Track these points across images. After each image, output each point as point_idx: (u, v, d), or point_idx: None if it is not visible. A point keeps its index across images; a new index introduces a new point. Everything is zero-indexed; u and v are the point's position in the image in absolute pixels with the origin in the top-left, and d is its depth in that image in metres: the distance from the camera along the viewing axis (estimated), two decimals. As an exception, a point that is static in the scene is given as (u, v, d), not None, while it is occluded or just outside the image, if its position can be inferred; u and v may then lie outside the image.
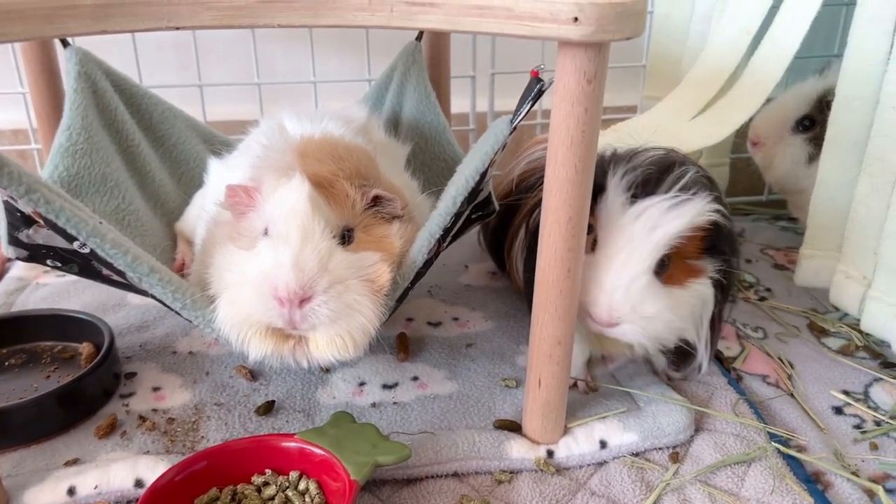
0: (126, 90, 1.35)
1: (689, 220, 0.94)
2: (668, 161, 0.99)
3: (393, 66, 1.46)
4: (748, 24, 1.33)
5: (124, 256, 0.85)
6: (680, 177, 0.96)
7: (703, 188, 0.97)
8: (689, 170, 0.97)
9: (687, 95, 1.38)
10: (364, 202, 0.94)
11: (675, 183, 0.95)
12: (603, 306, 0.96)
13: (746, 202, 1.87)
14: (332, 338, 0.88)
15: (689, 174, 0.96)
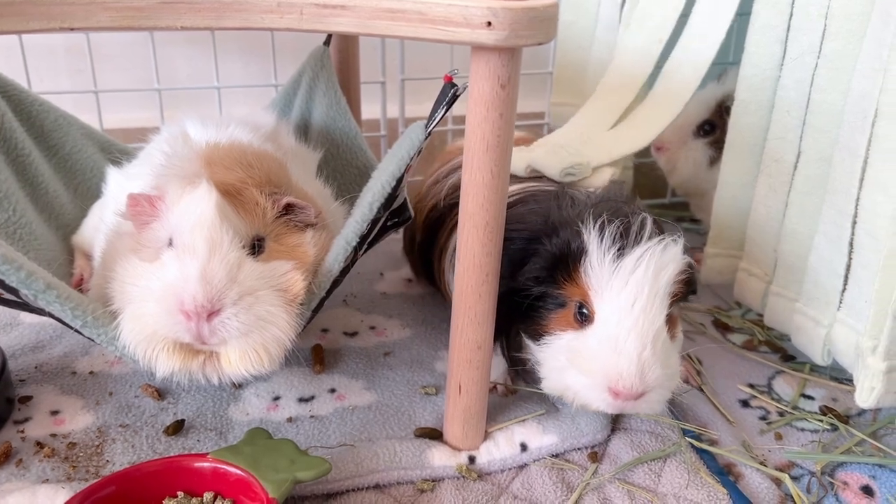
0: (13, 96, 1.26)
1: (679, 260, 0.91)
2: (625, 209, 0.95)
3: (301, 71, 1.43)
4: (659, 32, 1.37)
5: (17, 272, 0.79)
6: (643, 223, 0.92)
7: (664, 232, 0.95)
8: (647, 216, 0.93)
9: (603, 103, 1.40)
10: (275, 210, 0.92)
11: (642, 228, 0.91)
12: (634, 376, 0.87)
13: (650, 205, 1.93)
14: (244, 351, 0.85)
15: (649, 220, 0.92)
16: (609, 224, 0.90)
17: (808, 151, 1.13)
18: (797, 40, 1.13)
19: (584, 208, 0.96)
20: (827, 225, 1.08)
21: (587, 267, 0.91)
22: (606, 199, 1.01)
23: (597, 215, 0.92)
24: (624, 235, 0.90)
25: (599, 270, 0.90)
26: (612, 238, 0.90)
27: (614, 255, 0.89)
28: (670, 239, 0.91)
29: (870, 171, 0.99)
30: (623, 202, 0.99)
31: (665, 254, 0.90)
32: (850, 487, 0.98)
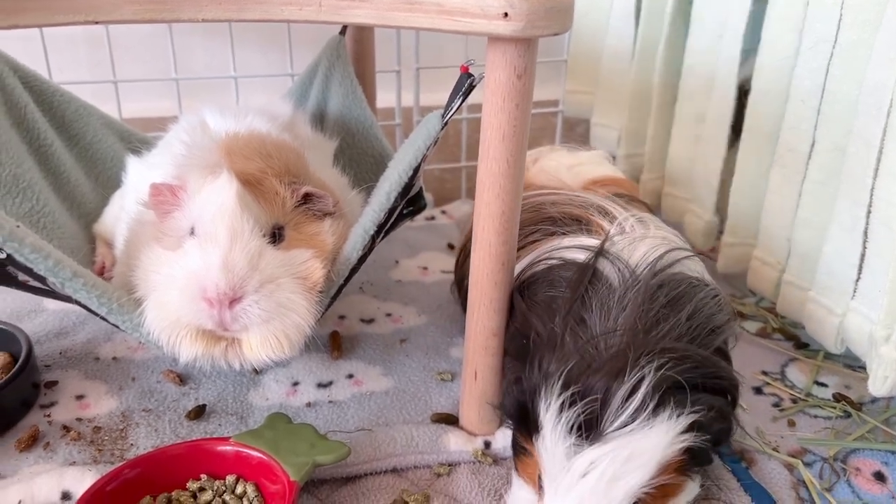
0: (36, 87, 1.28)
1: (653, 463, 0.73)
2: (619, 364, 0.74)
3: (317, 61, 1.44)
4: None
5: (45, 261, 0.82)
6: (632, 391, 0.72)
7: (668, 395, 0.74)
8: (647, 371, 0.73)
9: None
10: (294, 200, 0.93)
11: (626, 402, 0.72)
12: None
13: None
14: (265, 338, 0.86)
15: (647, 381, 0.73)
16: (571, 405, 0.73)
17: (822, 141, 1.13)
18: (813, 29, 1.13)
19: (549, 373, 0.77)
20: (841, 214, 1.08)
21: (541, 444, 0.76)
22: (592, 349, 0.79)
23: (566, 383, 0.74)
24: (587, 427, 0.73)
25: (551, 457, 0.75)
26: (570, 426, 0.73)
27: (568, 448, 0.73)
28: (645, 429, 0.72)
29: (885, 161, 1.00)
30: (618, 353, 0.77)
31: (633, 458, 0.72)
32: (863, 473, 0.99)
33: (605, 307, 0.83)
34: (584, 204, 1.04)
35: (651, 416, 0.72)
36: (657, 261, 0.88)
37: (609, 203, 1.04)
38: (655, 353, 0.75)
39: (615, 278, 0.86)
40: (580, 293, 0.85)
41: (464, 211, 1.72)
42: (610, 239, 0.93)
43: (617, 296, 0.83)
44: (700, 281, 0.90)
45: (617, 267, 0.87)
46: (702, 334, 0.83)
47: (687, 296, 0.85)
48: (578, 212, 1.03)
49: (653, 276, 0.86)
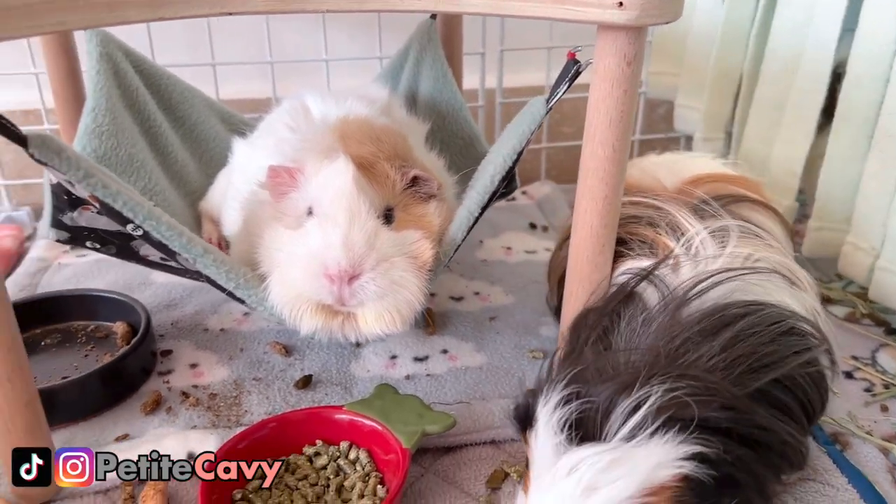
0: (145, 71, 1.35)
1: (640, 479, 0.66)
2: (628, 379, 0.69)
3: (408, 45, 1.48)
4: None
5: (179, 238, 0.88)
6: (636, 407, 0.67)
7: (674, 422, 0.67)
8: (655, 391, 0.67)
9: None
10: (403, 183, 0.97)
11: (626, 419, 0.67)
12: None
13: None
14: (379, 313, 0.91)
15: (652, 399, 0.67)
16: (567, 403, 0.69)
17: (923, 126, 1.12)
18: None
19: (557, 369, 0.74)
20: (942, 200, 1.07)
21: (533, 439, 0.73)
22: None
23: (569, 383, 0.70)
24: (580, 429, 0.69)
25: (540, 452, 0.71)
26: (564, 423, 0.69)
27: (558, 445, 0.69)
28: (638, 442, 0.66)
29: None
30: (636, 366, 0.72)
31: (617, 467, 0.66)
32: (959, 460, 1.00)
33: (632, 327, 0.79)
34: (656, 219, 0.97)
35: (648, 436, 0.66)
36: (699, 282, 0.81)
37: (686, 215, 0.95)
38: (671, 377, 0.68)
39: (652, 300, 0.81)
40: (609, 309, 0.82)
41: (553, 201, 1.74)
42: (666, 261, 0.88)
43: (645, 317, 0.79)
44: (758, 305, 0.79)
45: (659, 289, 0.83)
46: (739, 370, 0.72)
47: (730, 323, 0.76)
48: (645, 231, 0.97)
49: (686, 298, 0.78)
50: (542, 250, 1.51)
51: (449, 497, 0.93)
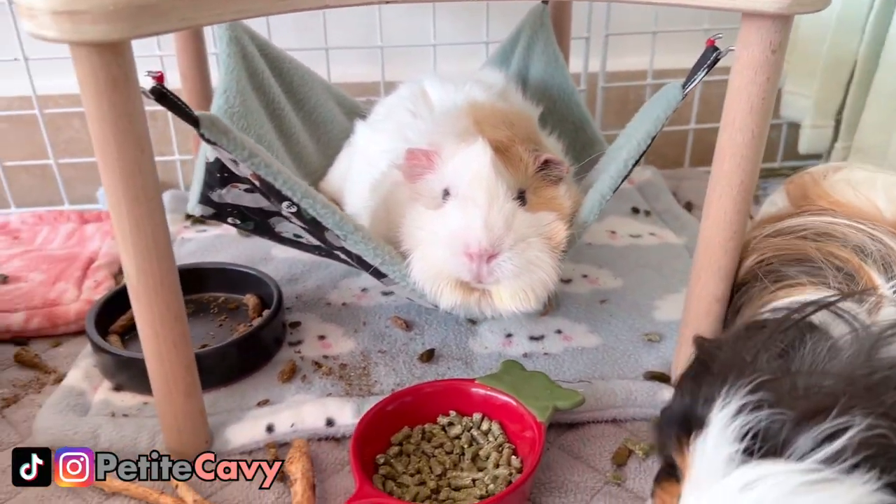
0: (269, 54, 1.41)
1: None
2: (825, 402, 0.60)
3: (519, 29, 1.50)
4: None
5: (333, 216, 0.92)
6: (834, 434, 0.57)
7: (872, 461, 0.57)
8: (858, 423, 0.57)
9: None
10: (535, 166, 1.00)
11: (821, 444, 0.57)
12: None
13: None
14: (515, 291, 0.95)
15: (852, 431, 0.57)
16: (754, 410, 0.60)
17: None
18: None
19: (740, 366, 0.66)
20: None
21: (699, 446, 0.63)
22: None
23: (754, 389, 0.62)
24: (764, 441, 0.60)
25: (708, 461, 0.62)
26: (746, 432, 0.60)
27: (732, 455, 0.60)
28: (834, 471, 0.56)
29: None
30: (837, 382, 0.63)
31: (803, 494, 0.56)
32: None
33: (817, 352, 0.67)
34: (867, 247, 0.86)
35: (847, 468, 0.57)
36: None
37: None
38: (874, 413, 0.58)
39: (838, 332, 0.70)
40: (787, 328, 0.71)
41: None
42: (865, 296, 0.77)
43: (832, 345, 0.68)
44: None
45: (848, 323, 0.71)
46: None
47: None
48: (849, 256, 0.85)
49: (882, 336, 0.68)
50: (647, 234, 1.52)
51: (577, 471, 0.96)
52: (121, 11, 0.68)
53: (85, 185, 1.74)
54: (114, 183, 0.79)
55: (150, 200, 0.81)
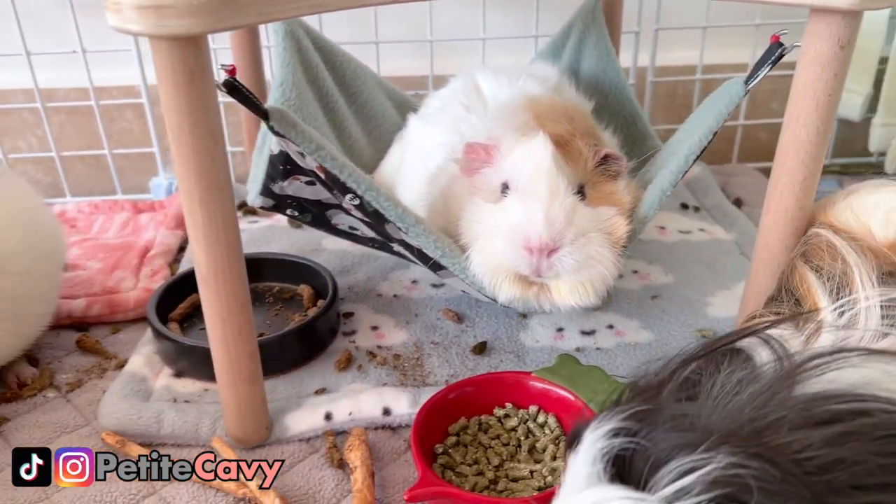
0: (323, 47, 1.43)
1: None
2: (693, 438, 0.55)
3: (571, 23, 1.50)
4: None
5: (395, 209, 0.94)
6: (690, 470, 0.53)
7: (720, 501, 0.51)
8: (719, 460, 0.52)
9: None
10: (595, 161, 1.00)
11: (675, 479, 0.54)
12: None
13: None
14: (574, 285, 0.95)
15: (712, 466, 0.52)
16: (618, 435, 0.57)
17: None
18: None
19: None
20: None
21: (570, 459, 0.62)
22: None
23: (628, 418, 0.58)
24: (622, 463, 0.57)
25: (570, 477, 0.60)
26: (607, 455, 0.57)
27: (591, 475, 0.58)
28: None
29: None
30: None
31: None
32: None
33: (726, 383, 0.62)
34: (825, 270, 0.79)
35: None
36: (828, 356, 0.62)
37: (868, 275, 0.75)
38: (744, 452, 0.53)
39: (761, 360, 0.65)
40: (707, 355, 0.67)
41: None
42: (803, 322, 0.71)
43: (743, 376, 0.62)
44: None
45: (773, 350, 0.65)
46: (837, 477, 0.54)
47: (846, 417, 0.57)
48: (803, 274, 0.81)
49: (801, 369, 0.62)
50: (696, 230, 1.52)
51: (632, 465, 0.97)
52: (204, 6, 0.69)
53: (137, 174, 1.78)
54: (188, 173, 0.81)
55: (221, 191, 0.83)
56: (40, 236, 1.13)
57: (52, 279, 1.17)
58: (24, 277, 1.05)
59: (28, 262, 1.07)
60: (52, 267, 1.17)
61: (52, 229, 1.19)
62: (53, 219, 1.22)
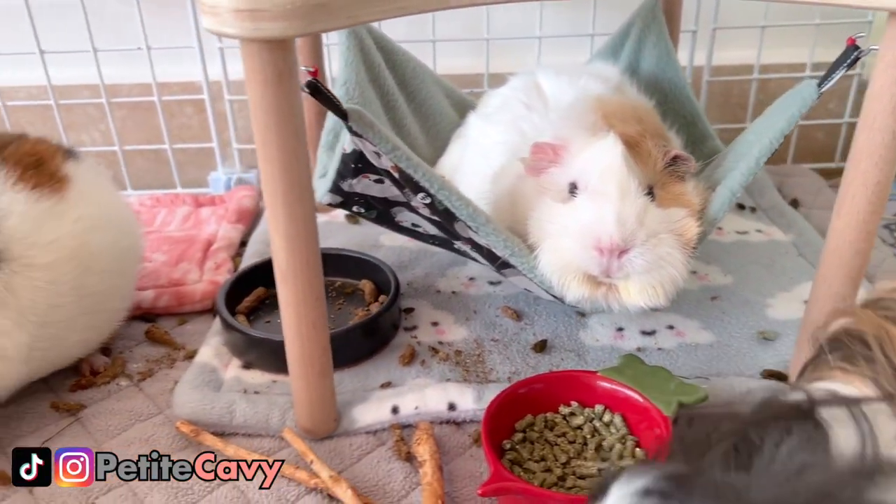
0: (385, 46, 1.44)
1: None
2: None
3: (630, 22, 1.50)
4: None
5: (466, 208, 0.95)
6: None
7: None
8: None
9: None
10: (664, 161, 1.01)
11: None
12: None
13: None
14: (643, 286, 0.95)
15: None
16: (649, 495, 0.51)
17: None
18: None
19: None
20: None
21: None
22: None
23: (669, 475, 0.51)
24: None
25: None
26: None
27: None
28: None
29: None
30: None
31: None
32: None
33: (787, 462, 0.53)
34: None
35: None
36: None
37: None
38: None
39: (841, 442, 0.54)
40: (771, 418, 0.56)
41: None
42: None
43: (813, 462, 0.53)
44: None
45: (860, 431, 0.55)
46: None
47: None
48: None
49: (880, 470, 0.51)
50: (753, 231, 1.51)
51: (697, 465, 0.97)
52: (298, 10, 0.71)
53: (195, 169, 1.82)
54: (272, 170, 0.83)
55: (303, 188, 0.85)
56: (124, 235, 1.16)
57: (131, 276, 1.20)
58: (106, 275, 1.09)
59: (112, 260, 1.10)
60: (132, 264, 1.20)
61: (134, 227, 1.22)
62: (133, 216, 1.24)
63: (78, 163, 1.12)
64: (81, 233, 1.05)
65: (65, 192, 1.05)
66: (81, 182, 1.09)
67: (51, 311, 1.01)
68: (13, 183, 1.01)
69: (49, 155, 1.08)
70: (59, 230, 1.02)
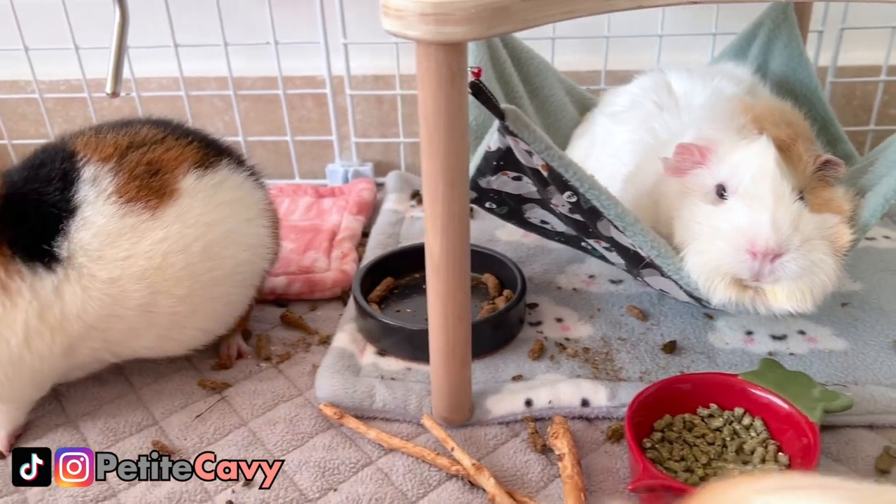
0: (510, 43, 1.46)
1: None
2: None
3: (759, 22, 1.47)
4: None
5: (615, 207, 0.96)
6: None
7: None
8: None
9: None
10: (814, 166, 1.00)
11: None
12: None
13: None
14: (792, 291, 0.95)
15: None
16: None
17: None
18: None
19: None
20: None
21: None
22: None
23: None
24: None
25: None
26: None
27: None
28: None
29: None
30: None
31: None
32: None
33: None
34: None
35: None
36: None
37: None
38: None
39: None
40: None
41: None
42: None
43: None
44: None
45: None
46: None
47: None
48: None
49: None
50: (881, 237, 1.47)
51: (839, 474, 0.96)
52: (480, 14, 0.74)
53: (312, 160, 1.88)
54: (435, 167, 0.86)
55: (462, 185, 0.88)
56: (229, 258, 1.10)
57: (230, 298, 1.14)
58: (183, 299, 1.04)
59: (194, 285, 1.05)
60: (236, 287, 1.14)
61: (258, 248, 1.17)
62: (265, 235, 1.19)
63: (211, 175, 1.07)
64: (160, 254, 0.99)
65: (161, 208, 1.00)
66: (192, 199, 1.03)
67: (108, 319, 0.98)
68: (108, 194, 0.97)
69: (175, 163, 1.03)
70: (134, 248, 0.98)
